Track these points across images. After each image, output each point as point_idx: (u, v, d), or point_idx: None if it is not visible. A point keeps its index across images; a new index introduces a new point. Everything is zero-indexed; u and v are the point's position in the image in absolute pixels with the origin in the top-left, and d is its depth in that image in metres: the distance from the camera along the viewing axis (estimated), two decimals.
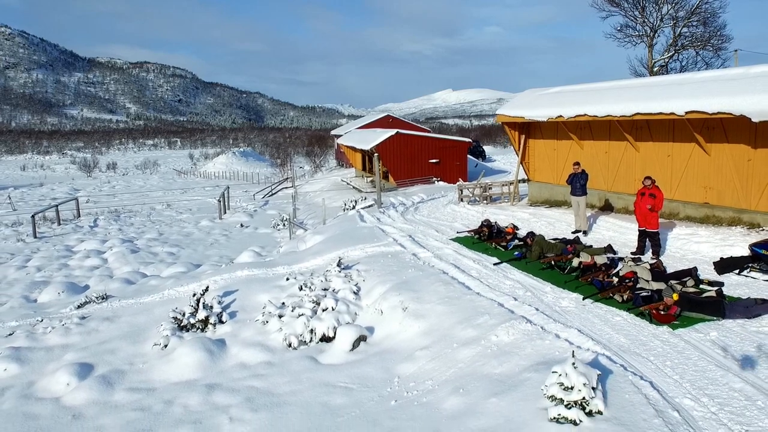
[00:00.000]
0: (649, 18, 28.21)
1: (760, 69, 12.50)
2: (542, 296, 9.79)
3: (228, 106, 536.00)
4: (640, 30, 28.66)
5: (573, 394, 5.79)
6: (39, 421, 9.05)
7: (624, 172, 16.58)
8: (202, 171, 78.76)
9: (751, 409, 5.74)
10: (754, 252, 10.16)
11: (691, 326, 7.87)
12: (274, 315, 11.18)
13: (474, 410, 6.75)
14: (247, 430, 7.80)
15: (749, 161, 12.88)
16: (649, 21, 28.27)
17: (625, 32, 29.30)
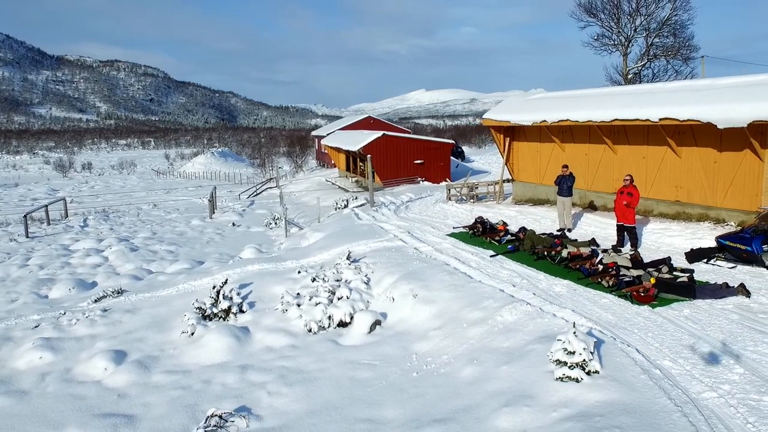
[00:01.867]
0: (624, 29, 30.29)
1: (725, 81, 13.99)
2: (537, 283, 11.04)
3: (201, 106, 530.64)
4: (616, 39, 30.73)
5: (575, 357, 7.01)
6: (86, 401, 9.94)
7: (603, 173, 17.99)
8: (180, 171, 78.78)
9: (718, 366, 7.03)
10: (720, 243, 11.57)
11: (667, 305, 9.19)
12: (292, 304, 12.22)
13: (488, 377, 7.93)
14: (285, 401, 8.86)
15: (715, 163, 14.36)
16: (623, 31, 30.32)
17: (601, 41, 31.41)
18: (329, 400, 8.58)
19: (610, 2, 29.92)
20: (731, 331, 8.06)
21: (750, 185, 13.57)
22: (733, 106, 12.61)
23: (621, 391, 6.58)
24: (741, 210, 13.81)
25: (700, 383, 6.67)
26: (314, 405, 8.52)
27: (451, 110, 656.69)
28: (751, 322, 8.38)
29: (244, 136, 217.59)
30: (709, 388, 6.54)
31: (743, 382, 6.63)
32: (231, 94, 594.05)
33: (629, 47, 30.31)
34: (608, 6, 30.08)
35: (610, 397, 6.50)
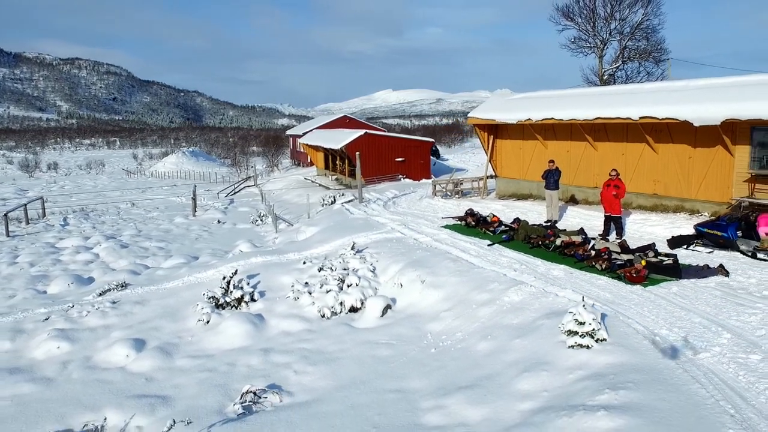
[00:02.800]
0: (599, 32, 31.86)
1: (699, 82, 15.16)
2: (535, 268, 11.93)
3: (166, 105, 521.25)
4: (592, 42, 32.28)
5: (585, 327, 7.87)
6: (115, 384, 10.40)
7: (584, 168, 19.07)
8: (152, 171, 77.93)
9: (708, 333, 7.98)
10: (698, 231, 12.66)
11: (657, 285, 10.16)
12: (303, 292, 12.85)
13: (504, 349, 8.74)
14: (312, 378, 9.52)
15: (690, 158, 15.53)
16: (599, 35, 31.89)
17: (578, 44, 32.92)
18: (355, 376, 9.27)
19: (587, 7, 31.67)
20: (716, 305, 9.06)
21: (722, 179, 14.76)
22: (707, 105, 13.75)
23: (628, 354, 7.46)
24: (714, 201, 15.00)
25: (695, 346, 7.60)
26: (341, 380, 9.20)
27: (417, 110, 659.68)
28: (732, 297, 9.40)
29: (212, 135, 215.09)
30: (703, 349, 7.48)
31: (731, 344, 7.59)
32: (196, 94, 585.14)
33: (604, 50, 32.03)
34: (585, 11, 31.86)
35: (619, 359, 7.37)
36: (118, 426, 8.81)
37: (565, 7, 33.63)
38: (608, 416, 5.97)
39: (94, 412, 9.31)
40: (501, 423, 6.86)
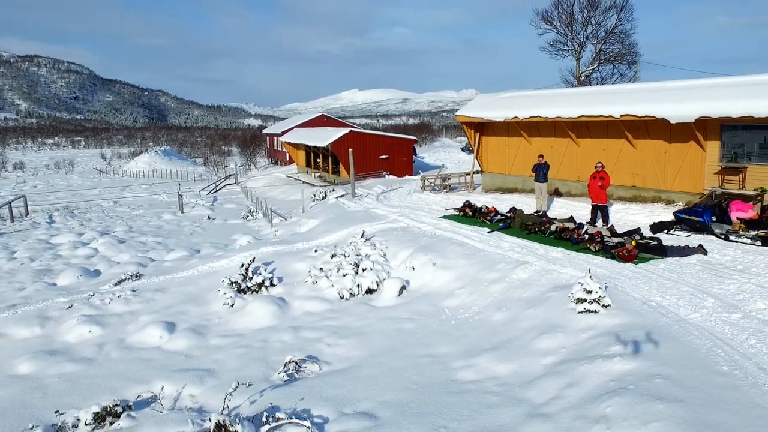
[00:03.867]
0: (577, 36, 33.70)
1: (674, 84, 16.69)
2: (535, 251, 13.17)
3: (129, 105, 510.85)
4: (570, 45, 34.09)
5: (592, 294, 9.10)
6: (156, 361, 11.21)
7: (567, 163, 20.48)
8: (125, 170, 77.20)
9: (695, 299, 9.31)
10: (677, 217, 14.10)
11: (646, 263, 11.50)
12: (320, 276, 13.83)
13: (519, 318, 9.92)
14: (345, 350, 10.52)
15: (666, 153, 17.04)
16: (577, 38, 33.74)
17: (556, 46, 34.73)
18: (385, 346, 10.33)
19: (565, 12, 33.47)
20: (699, 277, 10.43)
21: (695, 171, 16.30)
22: (683, 104, 15.24)
23: (631, 316, 8.71)
24: (688, 192, 16.53)
25: (686, 309, 8.90)
26: (373, 350, 10.24)
27: (384, 110, 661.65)
28: (711, 271, 10.78)
29: (179, 135, 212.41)
30: (692, 311, 8.78)
31: (715, 307, 8.91)
32: (161, 93, 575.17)
33: (581, 52, 33.92)
34: (563, 15, 33.66)
35: (623, 321, 8.60)
36: (171, 395, 9.64)
37: (544, 11, 35.73)
38: (623, 361, 7.19)
39: (144, 384, 10.10)
40: (528, 375, 8.02)
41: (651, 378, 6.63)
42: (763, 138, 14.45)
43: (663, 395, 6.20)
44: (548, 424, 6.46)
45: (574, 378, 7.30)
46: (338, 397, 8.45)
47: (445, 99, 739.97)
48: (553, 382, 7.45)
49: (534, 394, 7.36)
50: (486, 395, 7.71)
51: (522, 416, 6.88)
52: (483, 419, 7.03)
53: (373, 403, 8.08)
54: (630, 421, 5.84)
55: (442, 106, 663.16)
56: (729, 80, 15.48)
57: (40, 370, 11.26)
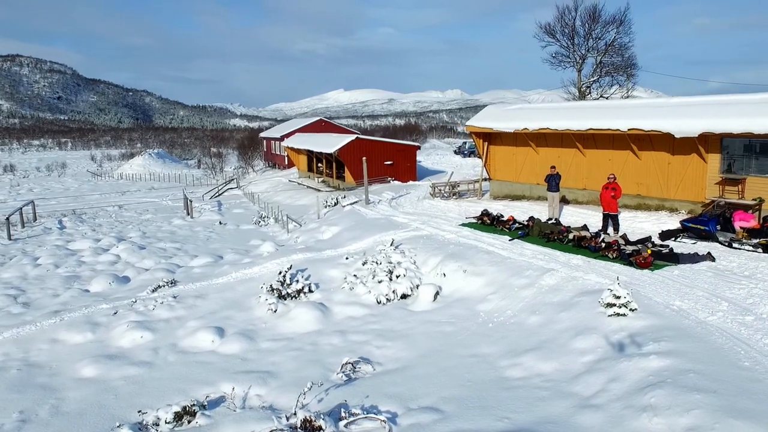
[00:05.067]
0: (578, 49, 35.17)
1: (677, 100, 17.95)
2: (557, 258, 14.27)
3: (113, 105, 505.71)
4: (572, 58, 35.52)
5: (621, 299, 10.19)
6: (214, 364, 12.10)
7: (574, 172, 21.64)
8: (119, 173, 77.40)
9: (711, 302, 10.44)
10: (684, 225, 15.29)
11: (661, 269, 12.64)
12: (356, 283, 14.82)
13: (552, 321, 11.00)
14: (393, 351, 11.52)
15: (669, 164, 18.26)
16: (578, 51, 35.20)
17: (558, 58, 36.20)
18: (431, 347, 11.35)
19: (568, 26, 34.97)
20: (711, 283, 11.59)
21: (697, 181, 17.53)
22: (687, 120, 16.45)
23: (656, 318, 9.82)
24: (690, 201, 17.77)
25: (703, 312, 10.04)
26: (421, 351, 11.26)
27: (369, 110, 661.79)
28: (721, 277, 11.95)
29: (167, 136, 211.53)
30: (710, 314, 9.92)
31: (729, 310, 10.06)
32: (145, 93, 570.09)
33: (583, 64, 35.40)
34: (566, 29, 35.21)
35: (650, 323, 9.71)
36: (239, 395, 10.56)
37: (547, 25, 37.51)
38: (658, 358, 8.28)
39: (210, 386, 10.99)
40: (570, 372, 9.09)
41: (685, 373, 7.73)
42: (761, 152, 15.70)
43: (698, 387, 7.29)
44: (600, 413, 7.53)
45: (615, 374, 8.38)
46: (400, 394, 9.45)
47: (430, 99, 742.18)
48: (597, 377, 8.52)
49: (580, 389, 8.43)
50: (536, 390, 8.77)
51: (574, 407, 7.94)
52: (539, 410, 8.07)
53: (435, 398, 9.09)
54: (673, 409, 6.93)
55: (428, 107, 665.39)
56: (727, 98, 16.73)
57: (103, 373, 12.10)
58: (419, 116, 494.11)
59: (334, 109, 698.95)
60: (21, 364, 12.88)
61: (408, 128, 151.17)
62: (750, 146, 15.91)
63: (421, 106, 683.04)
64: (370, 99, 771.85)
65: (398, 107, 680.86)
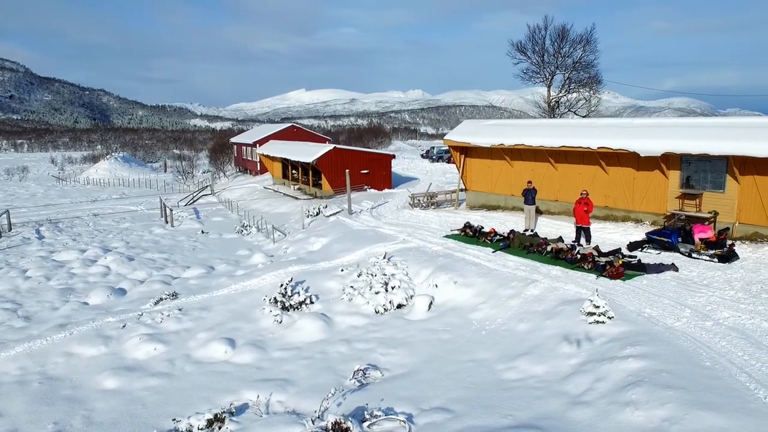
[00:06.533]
0: (548, 66, 37.24)
1: (640, 121, 19.73)
2: (538, 269, 15.73)
3: (69, 104, 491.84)
4: (542, 74, 37.64)
5: (600, 309, 11.66)
6: (231, 374, 13.05)
7: (546, 185, 23.25)
8: (85, 178, 76.34)
9: (676, 310, 12.00)
10: (649, 237, 16.97)
11: (632, 279, 14.21)
12: (354, 294, 15.98)
13: (539, 328, 12.40)
14: (398, 358, 12.73)
15: (634, 179, 20.01)
16: (548, 68, 37.32)
17: (529, 74, 38.31)
18: (432, 353, 12.62)
19: (538, 44, 37.14)
20: (675, 291, 13.19)
21: (659, 195, 19.31)
22: (651, 141, 18.19)
23: (631, 325, 11.31)
24: (653, 213, 19.54)
25: (670, 319, 11.58)
26: (423, 357, 12.51)
27: (331, 110, 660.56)
28: (684, 286, 13.58)
29: (127, 137, 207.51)
30: (675, 321, 11.46)
31: (692, 316, 11.63)
32: (102, 92, 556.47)
33: (552, 80, 37.54)
34: (536, 47, 37.41)
35: (626, 329, 11.19)
36: (262, 402, 11.58)
37: (519, 43, 40.04)
38: (635, 361, 9.74)
39: (232, 394, 11.97)
40: (560, 373, 10.48)
41: (659, 372, 9.19)
42: (716, 170, 17.53)
43: (670, 384, 8.75)
44: (589, 409, 8.91)
45: (600, 374, 9.80)
46: (412, 397, 10.67)
47: (392, 99, 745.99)
48: (584, 378, 9.93)
49: (570, 388, 9.82)
50: (532, 390, 10.13)
51: (566, 404, 9.31)
52: (537, 408, 9.42)
53: (443, 400, 10.36)
54: (651, 404, 8.35)
55: (390, 107, 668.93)
56: (687, 121, 18.65)
57: (125, 384, 12.93)
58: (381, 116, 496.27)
59: (295, 109, 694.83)
60: (41, 378, 13.56)
61: (372, 130, 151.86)
62: (707, 164, 17.71)
63: (383, 106, 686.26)
64: (332, 99, 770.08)
65: (360, 107, 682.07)
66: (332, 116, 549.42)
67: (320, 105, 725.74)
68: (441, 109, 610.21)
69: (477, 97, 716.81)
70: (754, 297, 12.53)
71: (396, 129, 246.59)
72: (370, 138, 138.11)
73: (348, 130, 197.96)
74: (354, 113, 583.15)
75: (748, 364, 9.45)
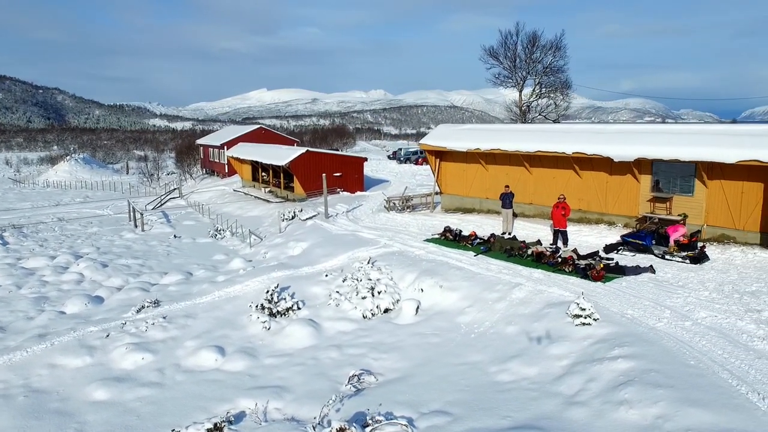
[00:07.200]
0: (519, 71, 38.20)
1: (613, 127, 20.49)
2: (520, 272, 16.19)
3: (22, 103, 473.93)
4: (513, 79, 38.51)
5: (586, 311, 12.15)
6: (224, 382, 13.08)
7: (521, 189, 23.82)
8: (45, 180, 74.06)
9: (656, 311, 12.59)
10: (624, 240, 17.66)
11: (611, 281, 14.79)
12: (341, 299, 16.15)
13: (527, 330, 12.82)
14: (390, 362, 12.96)
15: (607, 183, 20.74)
16: (520, 73, 38.26)
17: (501, 79, 39.19)
18: (424, 357, 12.90)
19: (510, 50, 38.06)
20: (654, 293, 13.81)
21: (631, 198, 20.08)
22: (624, 146, 18.92)
23: (615, 327, 11.82)
24: (625, 215, 20.31)
25: (652, 319, 12.15)
26: (416, 361, 12.77)
27: (293, 110, 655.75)
28: (661, 287, 14.21)
29: (85, 137, 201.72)
30: (657, 321, 12.04)
31: (672, 317, 12.23)
32: (57, 91, 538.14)
33: (523, 85, 38.51)
34: (508, 53, 38.33)
35: (612, 330, 11.69)
36: (259, 410, 11.64)
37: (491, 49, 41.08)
38: (624, 361, 10.22)
39: (228, 403, 11.97)
40: (552, 374, 10.90)
41: (648, 372, 9.68)
42: (685, 175, 18.36)
43: (660, 383, 9.25)
44: (585, 408, 9.34)
45: (591, 375, 10.25)
46: (409, 401, 10.92)
47: (354, 99, 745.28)
48: (576, 378, 10.37)
49: (564, 389, 10.24)
50: (526, 391, 10.51)
51: (562, 404, 9.72)
52: (533, 409, 9.81)
53: (441, 403, 10.65)
54: (644, 402, 8.83)
55: (352, 107, 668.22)
56: (658, 127, 19.47)
57: (116, 395, 12.81)
58: (343, 116, 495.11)
59: (257, 108, 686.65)
60: (26, 391, 13.29)
61: (337, 130, 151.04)
62: (676, 169, 18.53)
63: (345, 106, 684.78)
64: (293, 99, 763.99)
65: (322, 107, 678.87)
66: (294, 116, 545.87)
67: (282, 105, 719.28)
68: (403, 109, 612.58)
69: (439, 98, 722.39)
70: (727, 297, 13.24)
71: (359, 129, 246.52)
72: (335, 139, 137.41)
73: (312, 130, 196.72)
74: (316, 113, 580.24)
75: (728, 361, 10.04)
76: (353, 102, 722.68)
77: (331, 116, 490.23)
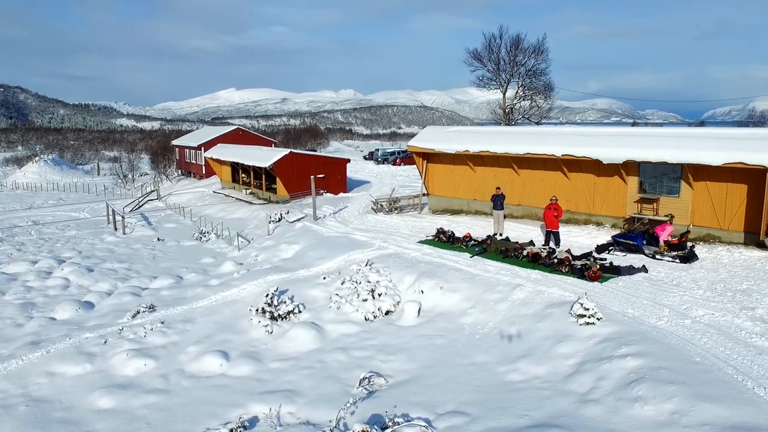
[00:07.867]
0: (502, 73, 38.84)
1: (601, 130, 21.07)
2: (518, 273, 16.50)
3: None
4: (497, 81, 39.13)
5: (589, 311, 12.51)
6: (231, 387, 13.03)
7: (509, 190, 24.19)
8: (14, 182, 71.98)
9: (656, 309, 13.01)
10: (615, 240, 18.16)
11: (607, 281, 15.22)
12: (342, 302, 16.24)
13: (532, 330, 13.12)
14: (398, 364, 13.11)
15: (595, 184, 21.27)
16: (503, 76, 38.89)
17: (485, 82, 39.64)
18: (432, 358, 13.09)
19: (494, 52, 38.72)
20: (651, 292, 14.27)
21: (618, 200, 20.64)
22: (613, 149, 19.44)
23: (618, 325, 12.20)
24: (613, 216, 20.86)
25: (653, 318, 12.57)
26: (424, 363, 12.96)
27: (263, 110, 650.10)
28: (656, 287, 14.69)
29: (50, 138, 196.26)
30: (658, 320, 12.46)
31: (671, 315, 12.67)
32: (19, 90, 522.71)
33: (507, 87, 39.08)
34: (492, 55, 38.96)
35: (614, 329, 12.06)
36: (272, 414, 11.64)
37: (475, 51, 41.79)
38: (633, 359, 10.58)
39: (240, 408, 11.94)
40: (561, 374, 11.21)
41: (658, 369, 10.05)
42: (672, 177, 18.97)
43: (671, 380, 9.62)
44: (599, 406, 9.65)
45: (601, 373, 10.58)
46: (423, 402, 11.11)
47: (324, 99, 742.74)
48: (586, 377, 10.69)
49: (575, 387, 10.55)
50: (538, 390, 10.80)
51: (576, 402, 10.02)
52: (548, 407, 10.08)
53: (456, 403, 10.86)
54: (658, 398, 9.18)
55: (322, 106, 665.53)
56: (645, 130, 20.11)
57: (122, 403, 12.64)
58: (314, 116, 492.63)
59: (226, 108, 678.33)
60: (26, 400, 13.03)
61: (309, 130, 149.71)
62: (663, 170, 19.13)
63: (315, 105, 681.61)
64: (263, 98, 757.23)
65: (292, 107, 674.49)
66: (264, 116, 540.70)
67: (251, 104, 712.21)
68: (373, 109, 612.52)
69: (409, 97, 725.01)
70: (720, 295, 13.77)
71: (330, 129, 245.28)
72: (309, 139, 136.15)
73: (284, 130, 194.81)
74: (286, 113, 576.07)
75: (731, 358, 10.49)
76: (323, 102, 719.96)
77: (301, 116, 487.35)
